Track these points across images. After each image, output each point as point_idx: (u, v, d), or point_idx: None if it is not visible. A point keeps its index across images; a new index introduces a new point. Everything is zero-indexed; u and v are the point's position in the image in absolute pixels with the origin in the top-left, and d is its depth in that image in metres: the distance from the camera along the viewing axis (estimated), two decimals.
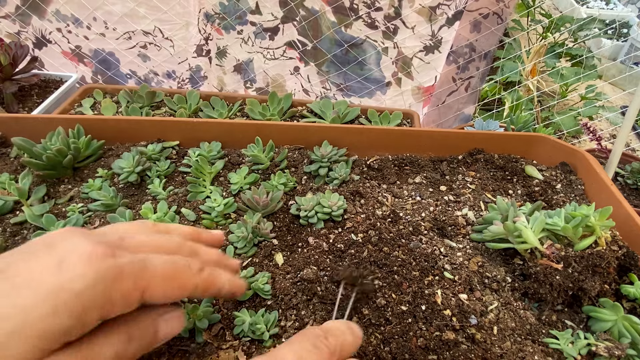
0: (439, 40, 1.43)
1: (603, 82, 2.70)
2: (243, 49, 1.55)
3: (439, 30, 1.41)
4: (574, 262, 0.69)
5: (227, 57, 1.57)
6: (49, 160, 0.93)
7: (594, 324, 0.69)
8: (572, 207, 0.74)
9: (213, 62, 1.57)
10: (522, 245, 0.73)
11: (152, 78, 1.64)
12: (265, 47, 1.54)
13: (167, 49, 1.56)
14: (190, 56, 1.55)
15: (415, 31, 1.39)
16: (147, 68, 1.61)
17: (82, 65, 1.61)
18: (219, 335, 0.68)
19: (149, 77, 1.64)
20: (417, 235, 0.83)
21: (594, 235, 0.71)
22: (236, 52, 1.55)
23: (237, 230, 0.82)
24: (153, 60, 1.59)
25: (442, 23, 1.38)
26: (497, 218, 0.79)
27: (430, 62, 1.48)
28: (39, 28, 1.53)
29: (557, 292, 0.70)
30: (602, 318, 0.67)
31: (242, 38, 1.51)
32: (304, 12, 1.44)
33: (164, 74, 1.63)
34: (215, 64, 1.58)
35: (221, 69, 1.60)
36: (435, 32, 1.40)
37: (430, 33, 1.41)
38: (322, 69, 1.56)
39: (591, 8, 3.52)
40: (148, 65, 1.60)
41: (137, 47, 1.55)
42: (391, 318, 0.67)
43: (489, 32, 1.43)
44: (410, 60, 1.48)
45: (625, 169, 1.50)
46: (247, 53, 1.56)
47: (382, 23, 1.41)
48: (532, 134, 1.08)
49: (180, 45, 1.53)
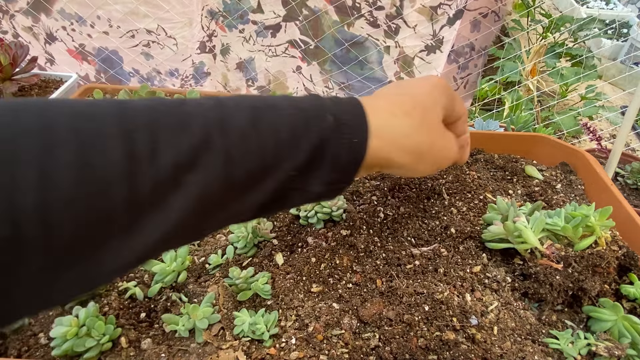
0: (440, 40, 1.43)
1: (603, 82, 2.70)
2: (245, 48, 1.56)
3: (440, 30, 1.41)
4: (574, 262, 0.69)
5: (230, 55, 1.58)
6: None
7: (593, 324, 0.69)
8: (572, 207, 0.74)
9: (217, 58, 1.58)
10: (522, 245, 0.73)
11: (154, 76, 1.65)
12: (267, 45, 1.55)
13: (170, 47, 1.56)
14: (194, 52, 1.56)
15: (416, 30, 1.39)
16: (150, 66, 1.61)
17: (86, 63, 1.62)
18: (219, 335, 0.68)
19: (151, 75, 1.65)
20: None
21: (594, 235, 0.71)
22: (238, 51, 1.56)
23: (237, 230, 0.82)
24: (156, 59, 1.60)
25: (443, 23, 1.38)
26: (497, 218, 0.79)
27: (431, 62, 1.48)
28: (48, 25, 1.54)
29: (557, 292, 0.70)
30: (602, 318, 0.67)
31: (244, 37, 1.52)
32: (307, 12, 1.45)
33: (166, 72, 1.64)
34: (219, 61, 1.59)
35: (225, 65, 1.61)
36: (437, 31, 1.40)
37: (431, 33, 1.41)
38: (325, 67, 1.57)
39: (591, 8, 3.52)
40: (151, 64, 1.61)
41: (140, 45, 1.56)
42: (392, 317, 0.67)
43: (487, 30, 1.44)
44: (412, 59, 1.48)
45: (625, 169, 1.50)
46: (249, 52, 1.57)
47: (383, 22, 1.41)
48: (532, 134, 1.08)
49: (183, 44, 1.54)
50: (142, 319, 0.70)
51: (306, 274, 0.75)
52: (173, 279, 0.76)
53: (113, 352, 0.66)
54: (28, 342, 0.66)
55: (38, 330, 0.68)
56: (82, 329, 0.64)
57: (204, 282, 0.76)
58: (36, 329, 0.68)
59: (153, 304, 0.72)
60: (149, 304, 0.72)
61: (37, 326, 0.68)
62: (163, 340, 0.68)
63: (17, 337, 0.67)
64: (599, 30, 2.70)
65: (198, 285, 0.75)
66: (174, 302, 0.73)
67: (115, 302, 0.71)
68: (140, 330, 0.69)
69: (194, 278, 0.77)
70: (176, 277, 0.76)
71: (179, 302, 0.72)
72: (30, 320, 0.69)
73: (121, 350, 0.66)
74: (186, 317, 0.68)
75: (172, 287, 0.76)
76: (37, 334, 0.67)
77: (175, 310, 0.71)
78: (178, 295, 0.73)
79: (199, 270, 0.79)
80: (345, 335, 0.66)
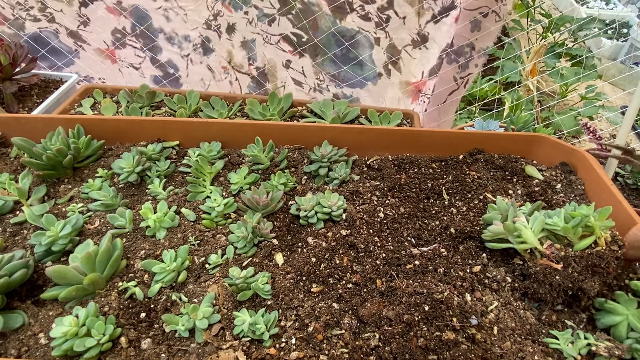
0: (425, 36, 1.47)
1: (603, 82, 2.70)
2: (248, 29, 1.66)
3: (425, 26, 1.46)
4: (573, 262, 0.69)
5: (235, 33, 1.68)
6: (49, 160, 0.93)
7: (602, 317, 0.69)
8: (572, 207, 0.74)
9: (223, 36, 1.68)
10: (521, 245, 0.73)
11: (174, 37, 1.76)
12: (264, 31, 1.64)
13: (182, 17, 1.68)
14: (200, 26, 1.67)
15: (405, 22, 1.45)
16: (170, 28, 1.72)
17: (123, 17, 1.71)
18: (219, 335, 0.68)
19: (172, 35, 1.76)
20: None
21: (593, 235, 0.71)
22: (242, 30, 1.67)
23: (237, 230, 0.82)
24: (174, 22, 1.71)
25: (428, 19, 1.44)
26: (497, 218, 0.79)
27: (417, 57, 1.52)
28: None
29: (557, 292, 0.70)
30: (615, 311, 0.67)
31: (248, 19, 1.62)
32: (300, 5, 1.50)
33: (182, 36, 1.75)
34: (225, 38, 1.70)
35: (230, 42, 1.71)
36: (422, 26, 1.45)
37: (417, 27, 1.46)
38: (317, 60, 1.62)
39: (591, 8, 3.52)
40: (170, 26, 1.72)
41: (161, 9, 1.68)
42: (392, 317, 0.67)
43: (487, 30, 1.45)
44: (399, 52, 1.53)
45: (625, 169, 1.50)
46: (251, 33, 1.67)
47: (375, 15, 1.46)
48: (532, 134, 1.08)
49: (191, 16, 1.66)
50: (142, 319, 0.70)
51: (306, 274, 0.75)
52: (173, 279, 0.76)
53: (113, 352, 0.66)
54: (28, 342, 0.66)
55: (38, 330, 0.68)
56: (82, 329, 0.64)
57: (204, 282, 0.76)
58: (36, 329, 0.68)
59: (153, 304, 0.72)
60: (149, 304, 0.72)
61: (37, 326, 0.68)
62: (163, 340, 0.68)
63: (17, 337, 0.67)
64: (599, 30, 2.70)
65: (198, 285, 0.75)
66: (174, 302, 0.73)
67: (115, 302, 0.71)
68: (140, 330, 0.69)
69: (194, 278, 0.77)
70: (176, 277, 0.76)
71: (179, 302, 0.72)
72: (30, 320, 0.69)
73: (121, 350, 0.66)
74: (186, 317, 0.68)
75: (172, 287, 0.76)
76: (37, 334, 0.67)
77: (175, 310, 0.71)
78: (178, 295, 0.73)
79: (199, 270, 0.79)
80: (345, 335, 0.66)
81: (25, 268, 0.73)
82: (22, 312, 0.70)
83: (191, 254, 0.81)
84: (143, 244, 0.82)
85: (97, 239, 0.83)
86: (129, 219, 0.85)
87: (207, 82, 1.82)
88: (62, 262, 0.79)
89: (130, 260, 0.79)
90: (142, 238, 0.84)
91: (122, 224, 0.85)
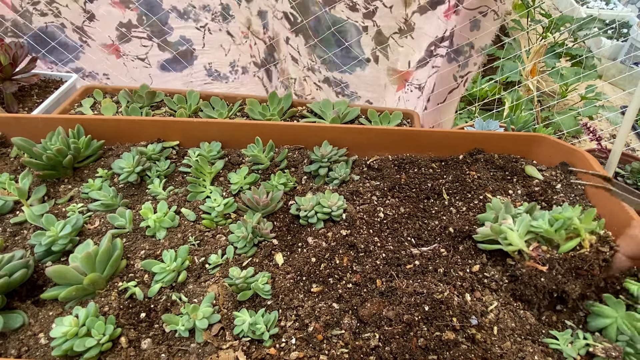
0: (411, 25, 1.49)
1: (603, 82, 2.70)
2: (262, 1, 1.70)
3: (412, 16, 1.47)
4: (557, 265, 0.68)
5: (253, 2, 1.71)
6: (49, 160, 0.93)
7: (593, 320, 0.69)
8: (560, 210, 0.74)
9: (242, 4, 1.71)
10: (509, 247, 0.73)
11: (190, 10, 1.76)
12: (273, 6, 1.67)
13: None
14: None
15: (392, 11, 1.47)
16: (186, 2, 1.73)
17: (128, 10, 1.71)
18: (219, 335, 0.68)
19: (187, 9, 1.76)
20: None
21: (579, 237, 0.70)
22: (258, 1, 1.70)
23: (237, 230, 0.82)
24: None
25: (414, 9, 1.45)
26: (491, 218, 0.80)
27: (404, 46, 1.54)
28: None
29: (542, 294, 0.70)
30: (603, 314, 0.67)
31: None
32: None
33: (200, 6, 1.77)
34: (244, 6, 1.73)
35: (248, 10, 1.74)
36: (409, 16, 1.47)
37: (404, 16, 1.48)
38: (309, 42, 1.66)
39: (591, 8, 3.52)
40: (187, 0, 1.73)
41: None
42: (392, 317, 0.67)
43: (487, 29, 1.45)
44: (387, 40, 1.55)
45: (625, 169, 1.50)
46: (265, 5, 1.71)
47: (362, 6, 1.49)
48: (532, 134, 1.08)
49: None
50: (142, 319, 0.70)
51: (306, 274, 0.75)
52: (173, 279, 0.76)
53: (113, 352, 0.66)
54: (28, 342, 0.66)
55: (38, 330, 0.68)
56: (82, 329, 0.64)
57: (204, 282, 0.76)
58: (36, 329, 0.68)
59: (153, 304, 0.72)
60: (149, 304, 0.72)
61: (37, 326, 0.68)
62: (163, 340, 0.68)
63: (17, 337, 0.67)
64: (599, 30, 2.70)
65: (198, 285, 0.75)
66: (174, 302, 0.73)
67: (115, 302, 0.71)
68: (140, 330, 0.69)
69: (194, 278, 0.77)
70: (176, 277, 0.76)
71: (179, 302, 0.72)
72: (30, 320, 0.69)
73: (121, 350, 0.66)
74: (186, 317, 0.68)
75: (172, 287, 0.76)
76: (37, 334, 0.67)
77: (175, 310, 0.71)
78: (178, 295, 0.73)
79: (199, 270, 0.79)
80: (345, 335, 0.67)
81: (25, 268, 0.73)
82: (22, 312, 0.70)
83: (191, 254, 0.81)
84: (143, 244, 0.82)
85: (97, 239, 0.83)
86: (129, 219, 0.85)
87: (227, 47, 1.81)
88: (62, 262, 0.79)
89: (130, 260, 0.79)
90: (142, 238, 0.84)
91: (122, 224, 0.85)
